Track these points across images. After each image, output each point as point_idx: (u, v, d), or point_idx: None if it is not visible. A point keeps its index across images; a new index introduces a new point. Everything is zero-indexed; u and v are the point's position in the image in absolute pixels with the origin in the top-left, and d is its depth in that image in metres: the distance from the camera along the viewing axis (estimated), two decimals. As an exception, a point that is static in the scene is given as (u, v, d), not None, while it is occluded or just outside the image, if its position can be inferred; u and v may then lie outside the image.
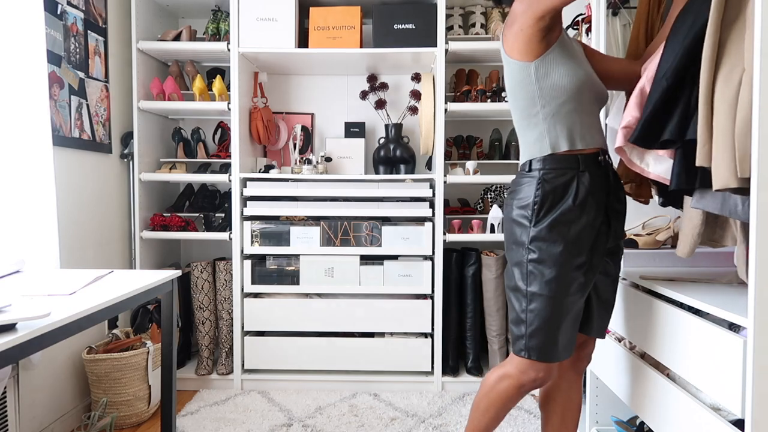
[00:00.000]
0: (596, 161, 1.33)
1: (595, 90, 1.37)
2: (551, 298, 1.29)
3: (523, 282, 1.33)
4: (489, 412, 1.41)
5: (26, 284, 1.43)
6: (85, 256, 2.23)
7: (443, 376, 2.54)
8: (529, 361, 1.34)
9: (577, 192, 1.29)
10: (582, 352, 1.52)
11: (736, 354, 1.07)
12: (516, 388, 1.37)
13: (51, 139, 1.85)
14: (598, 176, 1.33)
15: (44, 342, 1.07)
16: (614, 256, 1.43)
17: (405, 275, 2.51)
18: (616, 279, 1.46)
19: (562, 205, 1.29)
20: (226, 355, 2.61)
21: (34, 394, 1.93)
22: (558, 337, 1.31)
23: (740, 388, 1.05)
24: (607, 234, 1.36)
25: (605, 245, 1.36)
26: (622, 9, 1.87)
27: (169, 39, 2.59)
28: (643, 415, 1.50)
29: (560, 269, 1.28)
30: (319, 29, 2.51)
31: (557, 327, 1.30)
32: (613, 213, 1.37)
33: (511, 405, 1.40)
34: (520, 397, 1.39)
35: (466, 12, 2.74)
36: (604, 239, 1.35)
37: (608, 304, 1.45)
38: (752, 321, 1.00)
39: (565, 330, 1.32)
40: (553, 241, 1.28)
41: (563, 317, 1.30)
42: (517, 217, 1.34)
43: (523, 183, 1.35)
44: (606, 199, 1.34)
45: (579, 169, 1.30)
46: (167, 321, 1.65)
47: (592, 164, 1.32)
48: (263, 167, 2.67)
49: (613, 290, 1.45)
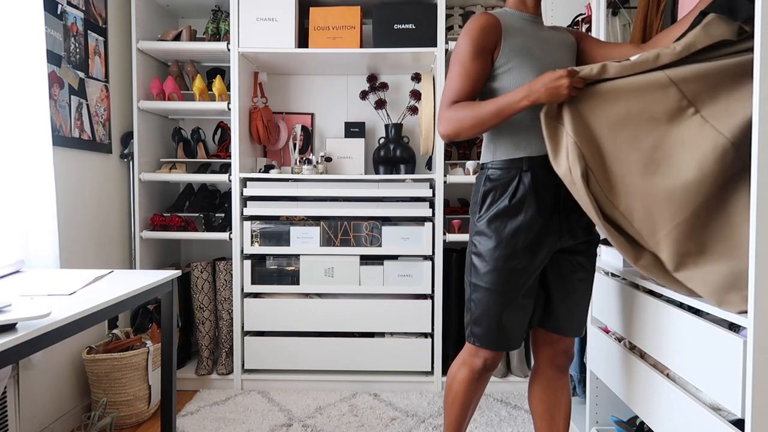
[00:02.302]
0: (544, 162, 1.35)
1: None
2: (488, 290, 1.38)
3: (467, 272, 1.44)
4: (455, 403, 1.49)
5: (26, 284, 1.43)
6: (85, 256, 2.23)
7: (443, 376, 2.53)
8: (475, 347, 1.44)
9: (516, 191, 1.35)
10: (556, 348, 1.49)
11: (736, 354, 1.07)
12: (470, 373, 1.46)
13: (51, 139, 1.85)
14: (545, 176, 1.35)
15: (44, 342, 1.07)
16: (576, 255, 1.42)
17: (405, 275, 2.51)
18: (585, 278, 1.44)
19: (500, 203, 1.36)
20: (226, 355, 2.61)
21: (34, 394, 1.93)
22: (498, 327, 1.39)
23: (740, 388, 1.05)
24: (560, 233, 1.38)
25: (556, 244, 1.38)
26: (622, 9, 1.87)
27: (169, 39, 2.59)
28: (643, 415, 1.50)
29: (495, 264, 1.36)
30: (319, 29, 2.51)
31: (497, 318, 1.38)
32: (567, 212, 1.38)
33: (472, 393, 1.48)
34: (477, 384, 1.47)
35: (466, 12, 2.74)
36: (555, 238, 1.38)
37: (574, 303, 1.44)
38: (752, 321, 1.00)
39: (506, 321, 1.39)
40: (489, 237, 1.37)
41: (502, 310, 1.38)
42: (470, 212, 1.45)
43: (478, 180, 1.45)
44: (555, 199, 1.37)
45: (523, 169, 1.36)
46: (167, 321, 1.65)
47: (537, 165, 1.36)
48: (263, 167, 2.67)
49: (580, 289, 1.44)
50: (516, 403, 2.39)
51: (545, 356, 1.49)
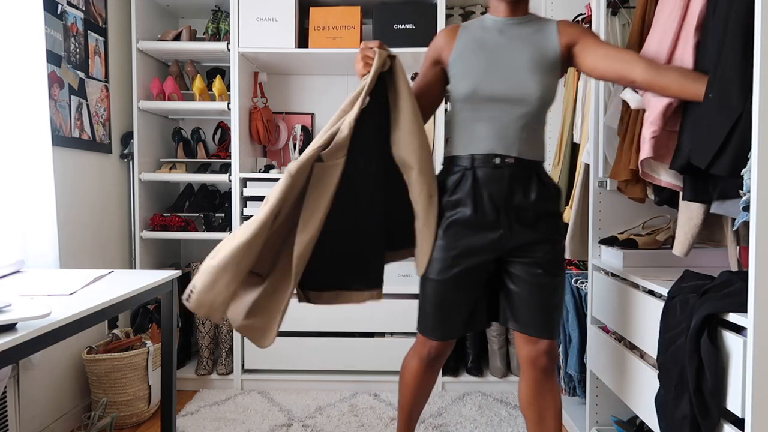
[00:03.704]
0: (489, 162, 1.39)
1: (496, 98, 1.39)
2: (428, 279, 1.45)
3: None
4: (406, 391, 1.59)
5: (26, 284, 1.43)
6: (85, 256, 2.23)
7: (443, 376, 2.54)
8: (422, 336, 1.51)
9: (456, 189, 1.42)
10: (537, 350, 1.44)
11: (736, 354, 1.07)
12: (418, 362, 1.54)
13: (51, 139, 1.85)
14: (487, 176, 1.39)
15: (44, 342, 1.07)
16: (531, 254, 1.40)
17: (405, 275, 2.50)
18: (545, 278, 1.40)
19: (444, 198, 1.44)
20: (226, 355, 2.61)
21: (34, 394, 1.93)
22: (434, 315, 1.46)
23: (740, 388, 1.05)
24: (505, 231, 1.39)
25: (501, 243, 1.39)
26: (622, 9, 1.87)
27: (169, 39, 2.59)
28: (642, 415, 1.50)
29: (436, 254, 1.43)
30: (319, 29, 2.51)
31: (432, 306, 1.45)
32: (515, 210, 1.39)
33: (421, 382, 1.57)
34: (425, 373, 1.55)
35: (466, 12, 2.74)
36: (497, 236, 1.39)
37: (537, 304, 1.40)
38: (752, 321, 1.00)
39: (441, 311, 1.44)
40: (436, 230, 1.44)
41: (435, 299, 1.44)
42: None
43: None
44: (499, 197, 1.39)
45: (466, 167, 1.42)
46: (167, 321, 1.65)
47: (482, 165, 1.40)
48: (263, 167, 2.67)
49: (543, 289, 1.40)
50: (516, 403, 2.39)
51: (527, 358, 1.46)
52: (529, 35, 1.43)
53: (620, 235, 1.83)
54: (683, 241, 1.36)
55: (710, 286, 1.18)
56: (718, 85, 1.13)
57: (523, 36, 1.42)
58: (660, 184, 1.41)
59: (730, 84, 1.09)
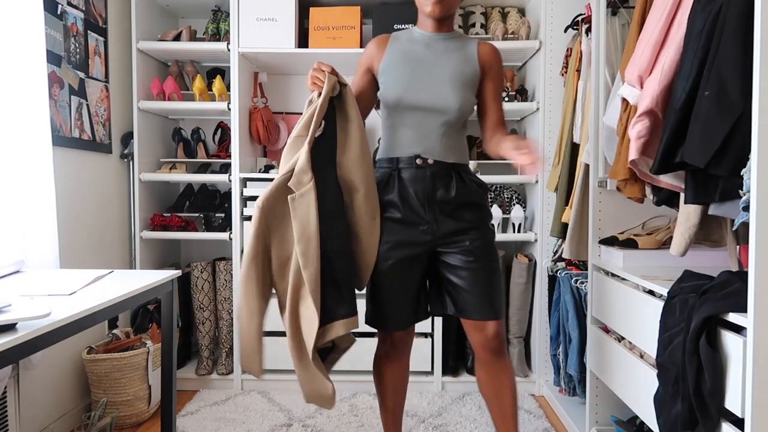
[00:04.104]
0: (412, 163, 1.51)
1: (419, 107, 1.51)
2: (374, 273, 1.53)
3: None
4: (382, 388, 1.68)
5: (26, 284, 1.43)
6: (85, 256, 2.23)
7: (443, 376, 2.54)
8: (379, 331, 1.62)
9: (387, 185, 1.53)
10: (485, 334, 1.53)
11: (736, 354, 1.07)
12: (384, 357, 1.65)
13: (51, 139, 1.85)
14: (412, 176, 1.51)
15: (44, 342, 1.07)
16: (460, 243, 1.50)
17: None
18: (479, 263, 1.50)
19: (380, 195, 1.54)
20: (226, 355, 2.61)
21: (34, 394, 1.93)
22: (373, 305, 1.57)
23: (740, 388, 1.05)
24: (434, 223, 1.50)
25: (429, 234, 1.51)
26: (622, 9, 1.87)
27: (169, 39, 2.59)
28: (643, 415, 1.50)
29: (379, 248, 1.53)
30: (319, 29, 2.51)
31: (378, 299, 1.55)
32: (438, 204, 1.50)
33: (393, 377, 1.66)
34: (392, 364, 1.65)
35: (466, 12, 2.74)
36: (426, 229, 1.50)
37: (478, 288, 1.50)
38: (752, 321, 1.00)
39: (387, 304, 1.54)
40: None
41: (381, 292, 1.54)
42: None
43: None
44: (419, 194, 1.50)
45: (392, 168, 1.53)
46: (167, 321, 1.65)
47: (406, 166, 1.52)
48: (263, 167, 2.67)
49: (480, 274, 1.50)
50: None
51: (477, 343, 1.55)
52: (453, 51, 1.55)
53: (620, 235, 1.83)
54: (680, 241, 1.36)
55: (710, 286, 1.18)
56: (714, 82, 1.10)
57: (447, 51, 1.55)
58: (659, 185, 1.41)
59: (729, 81, 1.08)
